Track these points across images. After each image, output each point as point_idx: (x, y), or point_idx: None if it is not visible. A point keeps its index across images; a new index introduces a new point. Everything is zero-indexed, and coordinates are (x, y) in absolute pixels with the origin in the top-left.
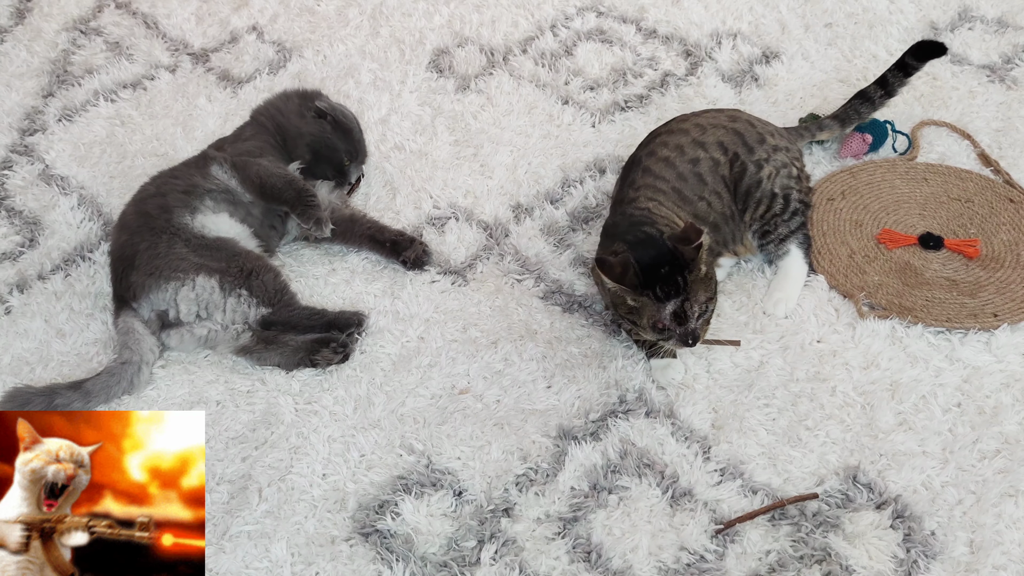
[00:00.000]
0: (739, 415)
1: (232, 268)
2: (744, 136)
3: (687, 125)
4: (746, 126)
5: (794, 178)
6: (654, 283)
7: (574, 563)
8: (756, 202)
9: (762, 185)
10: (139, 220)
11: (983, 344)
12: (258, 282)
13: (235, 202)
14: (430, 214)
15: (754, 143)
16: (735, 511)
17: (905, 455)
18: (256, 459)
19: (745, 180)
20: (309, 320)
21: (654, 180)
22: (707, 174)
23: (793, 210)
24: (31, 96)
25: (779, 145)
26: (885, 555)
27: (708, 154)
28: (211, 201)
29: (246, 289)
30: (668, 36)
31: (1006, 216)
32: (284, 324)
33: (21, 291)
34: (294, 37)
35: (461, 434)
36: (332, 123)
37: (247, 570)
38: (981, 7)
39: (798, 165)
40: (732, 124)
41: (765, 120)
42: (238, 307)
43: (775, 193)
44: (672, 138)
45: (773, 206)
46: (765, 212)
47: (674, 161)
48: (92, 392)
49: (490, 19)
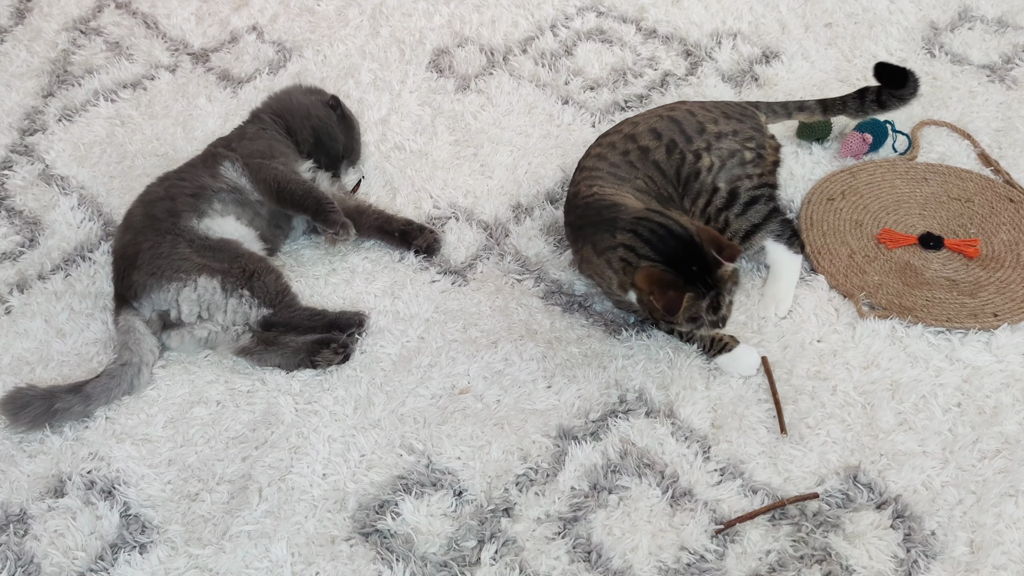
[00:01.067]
0: (739, 414)
1: (234, 269)
2: (682, 124)
3: (621, 125)
4: (685, 115)
5: (747, 163)
6: (689, 283)
7: (574, 563)
8: (696, 193)
9: (700, 176)
10: (145, 221)
11: (983, 344)
12: (260, 283)
13: (243, 202)
14: (430, 214)
15: (692, 132)
16: (735, 511)
17: (905, 455)
18: (256, 459)
19: (684, 168)
20: (310, 321)
21: (588, 173)
22: (637, 161)
23: (745, 202)
24: (31, 96)
25: (723, 131)
26: (885, 555)
27: (637, 144)
28: (219, 204)
29: (248, 290)
30: (668, 36)
31: (1006, 216)
32: (285, 325)
33: (21, 291)
34: (294, 37)
35: (461, 434)
36: (340, 115)
37: (247, 570)
38: (981, 7)
39: (751, 147)
40: (669, 113)
41: (719, 103)
42: (239, 308)
43: (716, 187)
44: (605, 138)
45: (714, 200)
46: (706, 205)
47: (605, 155)
48: (92, 395)
49: (490, 19)
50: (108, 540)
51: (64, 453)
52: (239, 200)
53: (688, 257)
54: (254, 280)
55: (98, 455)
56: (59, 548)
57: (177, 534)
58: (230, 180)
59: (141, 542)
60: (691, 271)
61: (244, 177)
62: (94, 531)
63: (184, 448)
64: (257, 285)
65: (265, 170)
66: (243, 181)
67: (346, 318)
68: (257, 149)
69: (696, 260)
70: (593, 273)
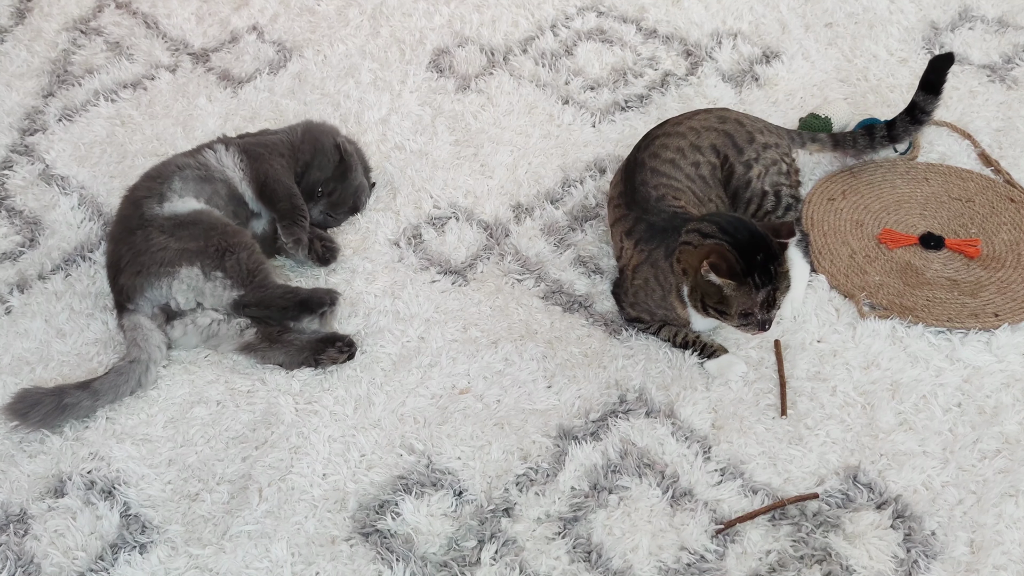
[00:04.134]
0: (739, 415)
1: (209, 247)
2: (734, 137)
3: (682, 128)
4: (735, 126)
5: (784, 174)
6: (752, 271)
7: (574, 563)
8: (746, 202)
9: (752, 185)
10: (118, 227)
11: (983, 344)
12: (232, 261)
13: (205, 178)
14: (430, 214)
15: (743, 143)
16: (735, 511)
17: (905, 455)
18: (256, 459)
19: (733, 181)
20: (283, 299)
21: (669, 180)
22: (709, 177)
23: (786, 206)
24: (31, 96)
25: (768, 143)
26: (885, 555)
27: (706, 158)
28: (179, 182)
29: (220, 271)
30: (668, 36)
31: (1007, 216)
32: (258, 304)
33: (21, 291)
34: (294, 37)
35: (461, 434)
36: (342, 161)
37: (247, 570)
38: (981, 7)
39: (787, 161)
40: (722, 126)
41: (755, 117)
42: (215, 291)
43: (765, 191)
44: (671, 140)
45: (764, 203)
46: (756, 210)
47: (679, 163)
48: (101, 391)
49: (490, 19)
50: (108, 540)
51: (64, 453)
52: (202, 176)
53: (754, 246)
54: (226, 259)
55: (98, 455)
56: (59, 548)
57: (177, 534)
58: (205, 161)
59: (141, 542)
60: (755, 260)
61: (233, 162)
62: (94, 531)
63: (184, 448)
64: (229, 264)
65: (263, 161)
66: (227, 163)
67: (318, 296)
68: (269, 142)
69: (762, 248)
70: (650, 277)
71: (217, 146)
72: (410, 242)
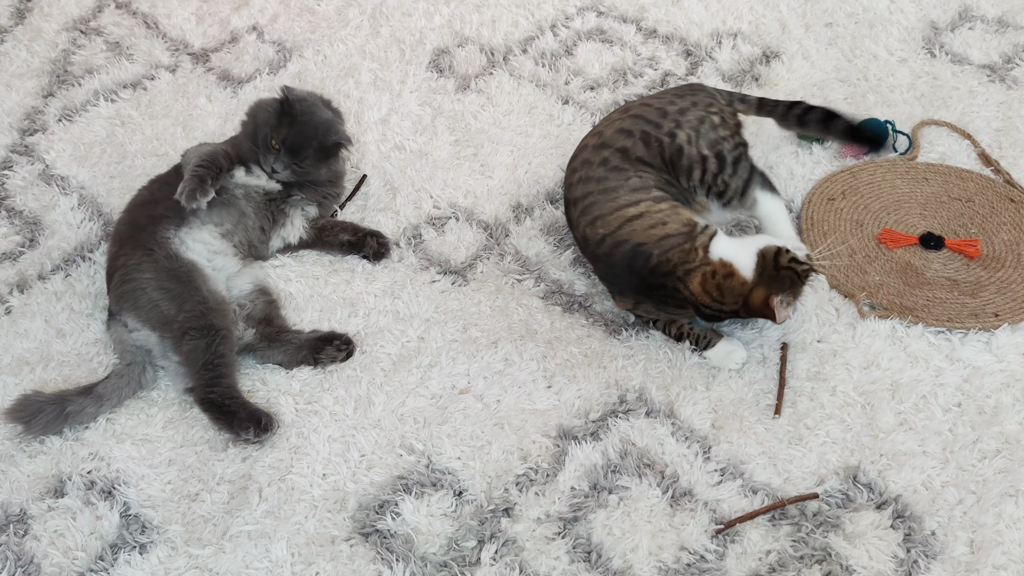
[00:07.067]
0: (739, 415)
1: (176, 320)
2: (644, 116)
3: (585, 141)
4: (642, 108)
5: (717, 127)
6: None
7: (574, 563)
8: (687, 169)
9: (684, 152)
10: (128, 231)
11: (983, 344)
12: (191, 347)
13: (227, 203)
14: (430, 214)
15: (657, 118)
16: (735, 511)
17: (905, 455)
18: (256, 459)
19: (666, 152)
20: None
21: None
22: (621, 163)
23: (733, 161)
24: (31, 96)
25: (684, 107)
26: (885, 555)
27: (612, 147)
28: (202, 208)
29: (177, 354)
30: (668, 36)
31: (1007, 216)
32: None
33: (21, 291)
34: (294, 37)
35: (461, 434)
36: (285, 103)
37: (247, 570)
38: (981, 7)
39: (713, 111)
40: (627, 113)
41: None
42: (168, 367)
43: (704, 155)
44: (576, 162)
45: (708, 167)
46: (702, 175)
47: (590, 175)
48: (104, 396)
49: (490, 19)
50: (108, 540)
51: (64, 453)
52: (223, 201)
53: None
54: (185, 342)
55: (98, 455)
56: (59, 548)
57: (177, 534)
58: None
59: (141, 542)
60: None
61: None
62: (94, 531)
63: (184, 448)
64: (187, 349)
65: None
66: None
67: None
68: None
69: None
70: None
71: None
72: (410, 242)
